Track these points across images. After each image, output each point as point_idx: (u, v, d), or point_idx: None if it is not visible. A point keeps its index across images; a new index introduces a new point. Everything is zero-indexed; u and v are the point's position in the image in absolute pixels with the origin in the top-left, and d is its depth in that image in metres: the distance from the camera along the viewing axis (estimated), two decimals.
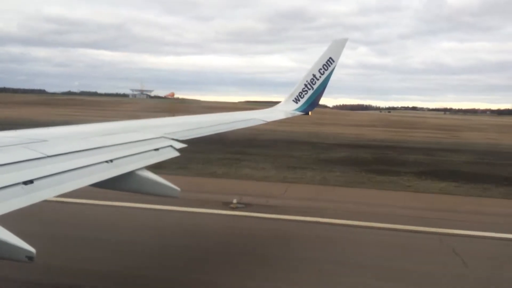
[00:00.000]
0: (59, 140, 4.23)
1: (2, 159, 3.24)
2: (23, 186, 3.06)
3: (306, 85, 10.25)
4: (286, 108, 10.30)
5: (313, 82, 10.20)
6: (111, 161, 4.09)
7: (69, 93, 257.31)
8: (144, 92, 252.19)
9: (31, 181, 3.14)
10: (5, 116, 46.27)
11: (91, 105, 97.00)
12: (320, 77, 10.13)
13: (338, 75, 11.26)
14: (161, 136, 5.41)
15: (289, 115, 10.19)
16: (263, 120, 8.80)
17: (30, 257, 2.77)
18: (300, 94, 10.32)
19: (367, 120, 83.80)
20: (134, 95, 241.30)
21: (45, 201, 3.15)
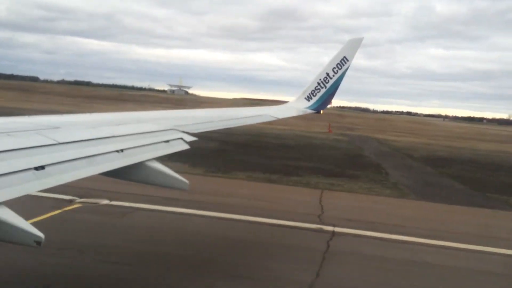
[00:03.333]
0: (71, 127, 4.26)
1: (15, 144, 3.27)
2: (35, 171, 3.10)
3: (319, 84, 10.19)
4: (298, 106, 10.26)
5: (326, 81, 10.13)
6: (121, 150, 4.11)
7: (64, 81, 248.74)
8: (182, 88, 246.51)
9: (42, 167, 3.17)
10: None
11: (145, 102, 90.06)
12: (333, 76, 10.05)
13: (316, 74, 11.26)
14: (172, 128, 5.42)
15: (301, 113, 10.15)
16: (274, 117, 8.78)
17: (38, 242, 2.81)
18: (312, 92, 10.26)
19: (420, 128, 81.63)
20: (173, 91, 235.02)
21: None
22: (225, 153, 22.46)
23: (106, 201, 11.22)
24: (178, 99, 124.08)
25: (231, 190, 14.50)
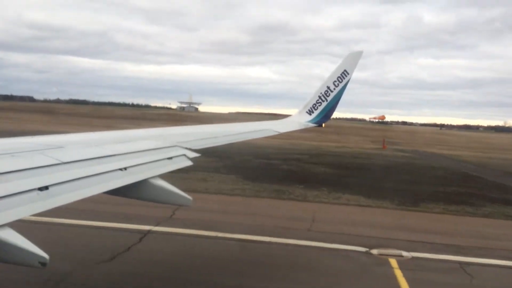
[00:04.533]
0: (74, 147, 4.26)
1: (19, 165, 3.27)
2: (39, 192, 3.09)
3: (320, 97, 10.21)
4: (300, 120, 10.28)
5: (327, 94, 10.16)
6: (125, 169, 4.11)
7: (59, 100, 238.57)
8: (192, 105, 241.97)
9: (46, 187, 3.16)
10: None
11: (168, 120, 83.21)
12: (334, 89, 10.08)
13: (317, 87, 11.34)
14: (175, 145, 5.43)
15: (303, 127, 10.16)
16: (277, 131, 8.78)
17: (43, 263, 2.79)
18: (314, 105, 10.28)
19: (451, 140, 78.36)
20: (182, 108, 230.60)
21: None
22: (351, 180, 20.57)
23: (406, 253, 9.86)
24: (194, 116, 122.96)
25: (493, 231, 12.83)
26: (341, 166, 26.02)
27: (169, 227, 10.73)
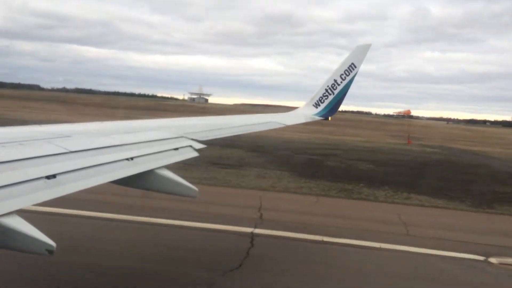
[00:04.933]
0: (82, 136, 4.29)
1: (27, 153, 3.30)
2: (46, 180, 3.11)
3: (327, 90, 10.18)
4: (306, 112, 10.26)
5: (334, 87, 10.12)
6: (131, 159, 4.13)
7: (65, 89, 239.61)
8: (202, 96, 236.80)
9: (54, 176, 3.19)
10: None
11: (185, 111, 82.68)
12: (341, 82, 10.04)
13: (322, 80, 11.14)
14: (181, 135, 5.44)
15: (309, 120, 10.14)
16: (283, 124, 8.78)
17: (50, 251, 2.81)
18: (320, 98, 10.25)
19: (471, 136, 75.72)
20: (193, 99, 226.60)
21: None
22: (425, 180, 19.83)
23: None
24: (206, 107, 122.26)
25: None
26: (382, 163, 25.14)
27: (270, 230, 10.17)
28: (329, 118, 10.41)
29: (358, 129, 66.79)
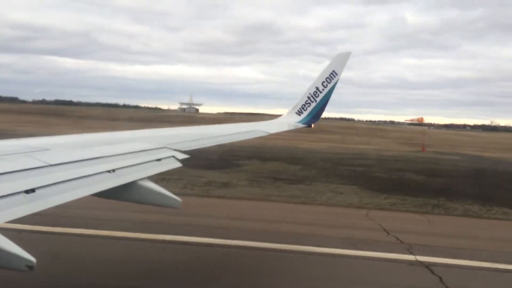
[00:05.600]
0: (61, 149, 4.23)
1: (4, 168, 3.23)
2: (25, 195, 3.05)
3: (309, 98, 10.27)
4: (289, 120, 10.32)
5: (316, 95, 10.22)
6: (113, 170, 4.08)
7: (44, 101, 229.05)
8: (193, 106, 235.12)
9: (32, 190, 3.13)
10: None
11: (189, 122, 79.31)
12: (323, 90, 10.15)
13: (303, 87, 11.28)
14: (164, 146, 5.41)
15: (292, 127, 10.20)
16: (266, 132, 8.80)
17: (30, 266, 2.76)
18: (303, 106, 10.33)
19: (470, 141, 75.05)
20: (183, 109, 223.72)
21: None
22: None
23: None
24: (199, 117, 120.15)
25: None
26: (428, 173, 24.01)
27: (433, 257, 9.26)
28: (312, 126, 10.48)
29: (361, 136, 65.90)
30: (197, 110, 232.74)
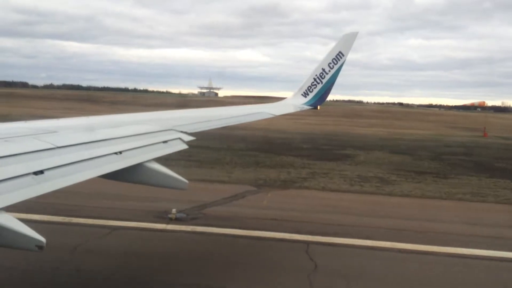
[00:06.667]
0: (68, 131, 4.26)
1: (13, 150, 3.27)
2: (34, 176, 3.09)
3: (315, 79, 10.18)
4: (295, 102, 10.26)
5: (322, 77, 10.12)
6: (120, 152, 4.11)
7: (52, 86, 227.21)
8: (212, 90, 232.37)
9: (41, 172, 3.17)
10: None
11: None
12: (329, 71, 10.04)
13: (309, 70, 10.99)
14: (170, 128, 5.43)
15: (298, 109, 10.15)
16: (272, 114, 8.78)
17: (40, 246, 2.81)
18: (309, 88, 10.25)
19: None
20: (203, 94, 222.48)
21: None
22: None
23: None
24: (217, 101, 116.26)
25: None
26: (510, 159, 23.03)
27: None
28: (318, 107, 10.42)
29: (401, 121, 61.58)
30: (217, 94, 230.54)
